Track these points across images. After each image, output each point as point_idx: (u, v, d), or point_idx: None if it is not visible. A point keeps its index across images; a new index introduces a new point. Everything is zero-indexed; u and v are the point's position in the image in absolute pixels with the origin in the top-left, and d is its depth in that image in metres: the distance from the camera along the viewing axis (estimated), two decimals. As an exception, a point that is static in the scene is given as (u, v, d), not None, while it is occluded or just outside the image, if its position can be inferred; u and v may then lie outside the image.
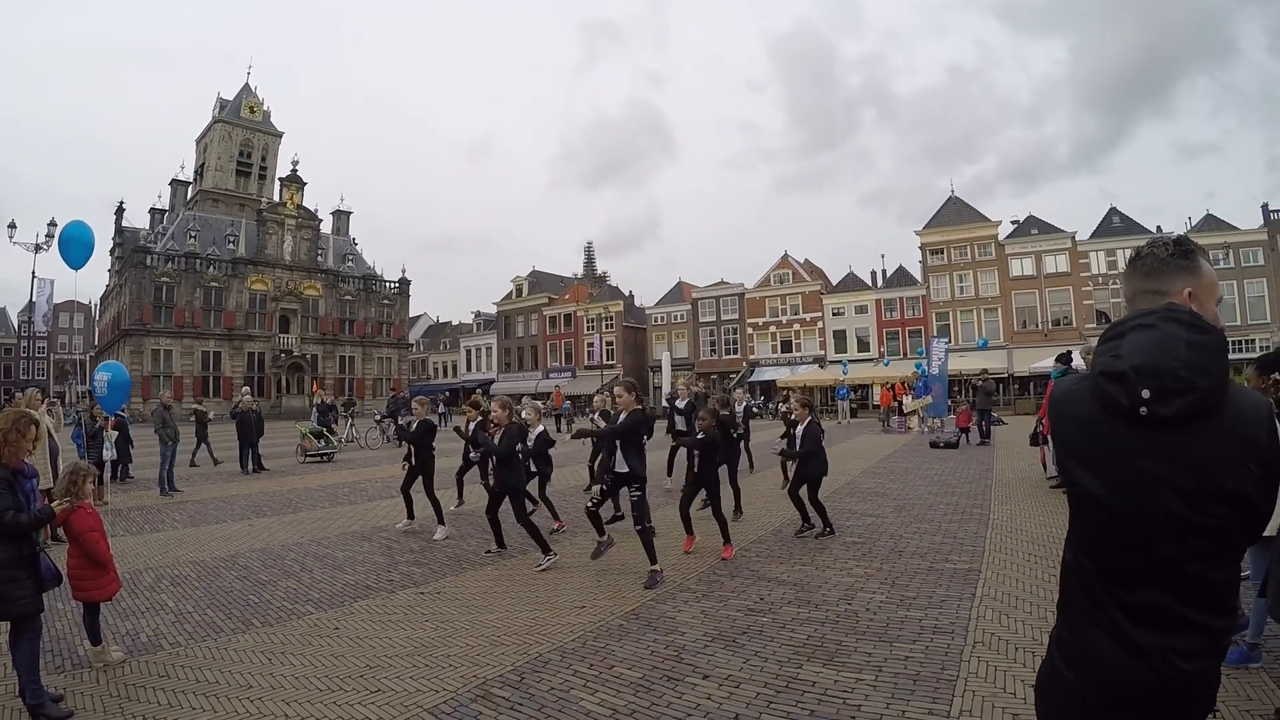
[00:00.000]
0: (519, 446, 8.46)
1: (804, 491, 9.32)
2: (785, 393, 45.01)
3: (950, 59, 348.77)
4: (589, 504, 7.82)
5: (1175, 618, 1.72)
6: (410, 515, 10.56)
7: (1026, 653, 5.05)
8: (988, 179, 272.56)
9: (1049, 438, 12.15)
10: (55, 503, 5.03)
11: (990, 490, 12.58)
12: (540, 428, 10.74)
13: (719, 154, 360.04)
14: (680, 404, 13.08)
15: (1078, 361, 14.29)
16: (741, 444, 15.13)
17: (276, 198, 72.20)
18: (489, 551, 8.84)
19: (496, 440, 8.33)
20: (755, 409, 43.20)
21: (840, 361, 52.58)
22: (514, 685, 4.88)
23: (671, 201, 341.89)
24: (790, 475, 10.27)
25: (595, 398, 13.95)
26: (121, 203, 69.60)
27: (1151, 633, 1.72)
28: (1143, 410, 1.70)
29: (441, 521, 10.09)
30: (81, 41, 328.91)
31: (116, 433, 15.98)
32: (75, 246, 11.32)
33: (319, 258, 71.80)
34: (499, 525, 8.78)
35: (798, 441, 9.52)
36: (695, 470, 8.50)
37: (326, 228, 75.27)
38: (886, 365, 48.62)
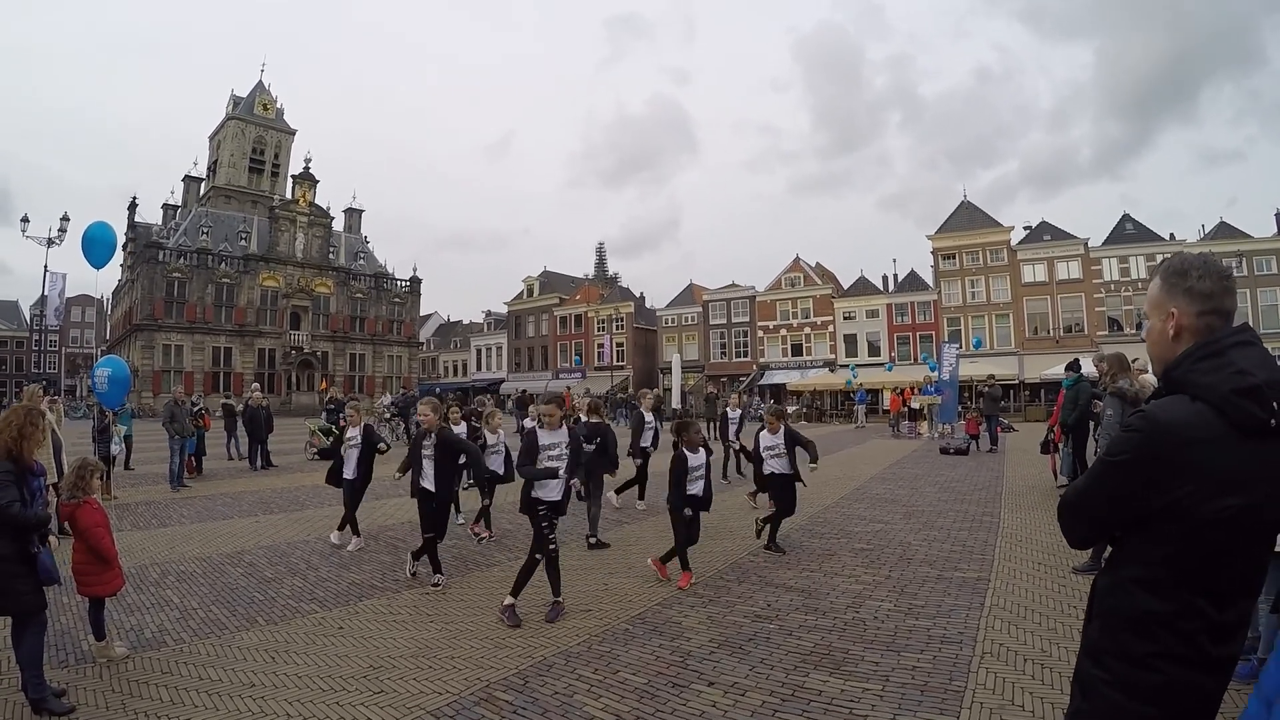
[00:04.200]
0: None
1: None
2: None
3: (974, 63, 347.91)
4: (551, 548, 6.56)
5: (1241, 624, 1.86)
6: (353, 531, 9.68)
7: (1036, 665, 5.00)
8: (1011, 182, 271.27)
9: (1059, 445, 12.14)
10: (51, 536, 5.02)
11: (1000, 498, 12.49)
12: (500, 434, 10.47)
13: (738, 156, 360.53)
14: (648, 416, 12.40)
15: (1089, 369, 14.17)
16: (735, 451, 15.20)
17: (289, 195, 72.24)
18: (413, 574, 7.79)
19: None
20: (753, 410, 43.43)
21: (848, 365, 52.45)
22: (517, 689, 4.86)
23: (689, 202, 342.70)
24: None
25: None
26: (134, 198, 69.88)
27: (1226, 645, 1.83)
28: (1274, 422, 1.74)
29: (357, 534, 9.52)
30: (94, 34, 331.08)
31: (124, 427, 16.08)
32: (98, 247, 11.36)
33: (330, 255, 71.88)
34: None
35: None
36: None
37: (339, 225, 75.34)
38: (890, 370, 48.35)
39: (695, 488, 7.69)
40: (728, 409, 15.70)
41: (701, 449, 7.89)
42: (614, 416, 46.33)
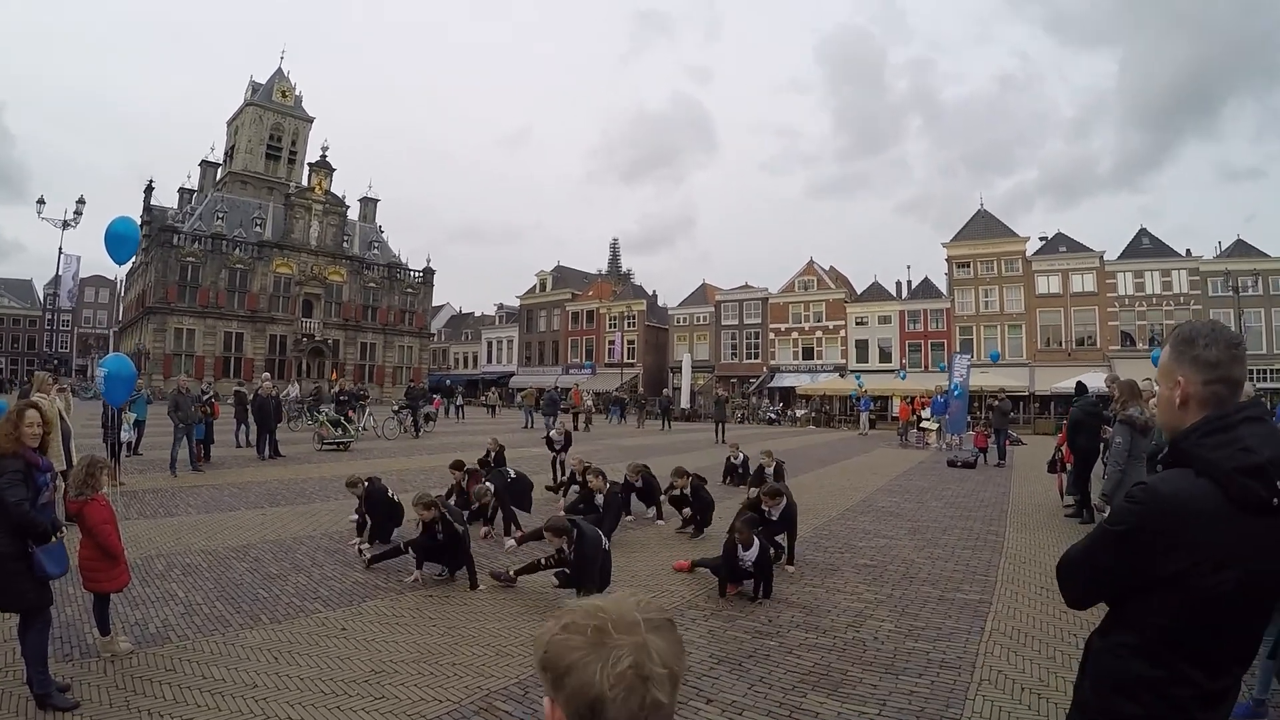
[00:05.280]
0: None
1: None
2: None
3: (996, 69, 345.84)
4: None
5: (1231, 691, 1.89)
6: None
7: (1032, 694, 5.00)
8: (1028, 191, 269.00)
9: (1069, 465, 12.13)
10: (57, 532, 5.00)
11: (1006, 516, 12.44)
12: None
13: (756, 156, 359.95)
14: (637, 483, 11.41)
15: (1099, 387, 14.15)
16: None
17: (305, 182, 72.44)
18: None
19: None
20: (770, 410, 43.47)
21: (857, 373, 52.33)
22: (517, 699, 4.88)
23: (705, 201, 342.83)
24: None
25: (590, 478, 10.67)
26: (151, 181, 70.18)
27: (1214, 712, 1.85)
28: (1276, 501, 1.75)
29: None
30: (112, 18, 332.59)
31: (135, 414, 16.21)
32: (123, 244, 11.39)
33: (344, 244, 72.09)
34: None
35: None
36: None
37: (354, 214, 75.50)
38: (903, 379, 48.18)
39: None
40: (731, 456, 15.83)
41: (755, 543, 7.33)
42: (609, 413, 46.38)
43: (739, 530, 7.29)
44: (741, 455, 15.74)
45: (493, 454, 13.51)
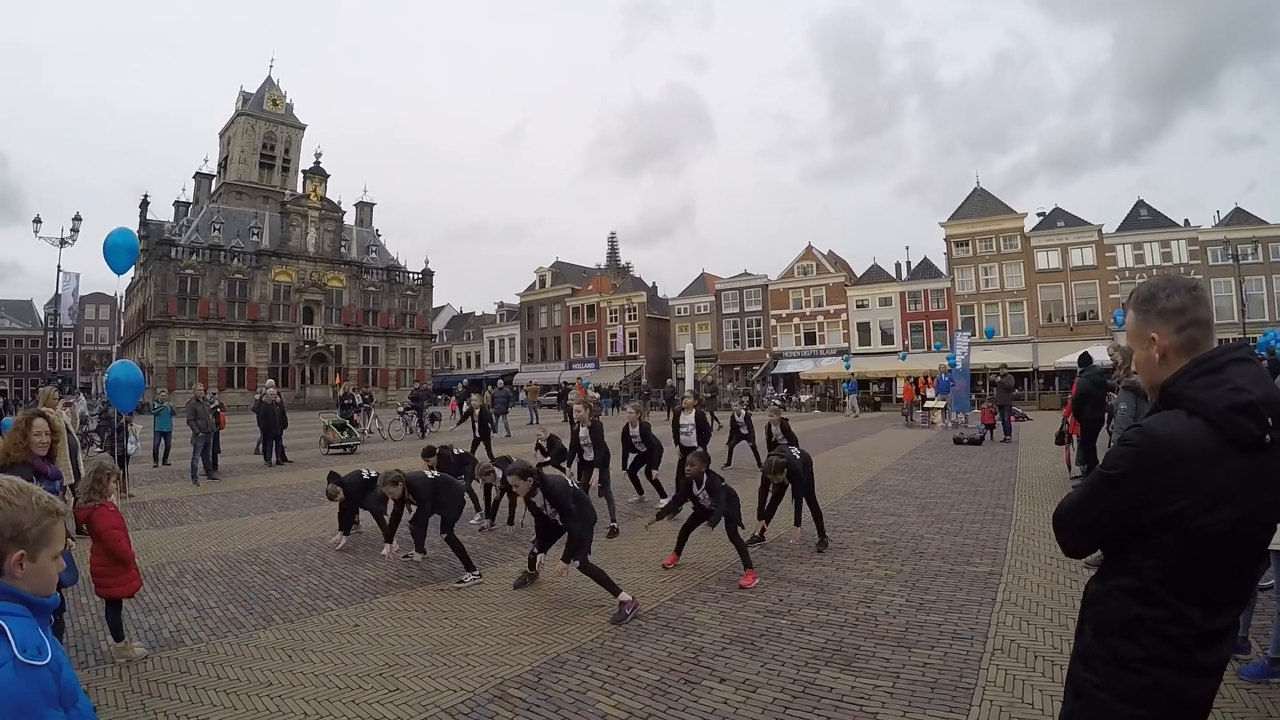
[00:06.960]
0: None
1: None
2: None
3: (992, 47, 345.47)
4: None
5: (1229, 631, 1.93)
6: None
7: (1046, 661, 5.00)
8: (1029, 169, 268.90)
9: (1074, 437, 12.11)
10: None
11: (1014, 489, 12.46)
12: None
13: (752, 144, 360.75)
14: (634, 431, 11.61)
15: (1102, 358, 14.12)
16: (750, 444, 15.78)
17: (300, 190, 72.34)
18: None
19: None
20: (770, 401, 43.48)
21: (846, 355, 52.38)
22: (531, 686, 4.90)
23: (703, 191, 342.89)
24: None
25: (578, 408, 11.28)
26: (146, 196, 70.22)
27: (1214, 652, 1.90)
28: (1268, 438, 1.79)
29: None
30: (104, 34, 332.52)
31: (140, 426, 16.30)
32: (122, 253, 11.43)
33: (342, 249, 72.06)
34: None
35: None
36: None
37: (350, 219, 75.47)
38: (903, 359, 48.13)
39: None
40: (735, 415, 16.07)
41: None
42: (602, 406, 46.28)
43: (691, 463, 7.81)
44: (744, 414, 15.85)
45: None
